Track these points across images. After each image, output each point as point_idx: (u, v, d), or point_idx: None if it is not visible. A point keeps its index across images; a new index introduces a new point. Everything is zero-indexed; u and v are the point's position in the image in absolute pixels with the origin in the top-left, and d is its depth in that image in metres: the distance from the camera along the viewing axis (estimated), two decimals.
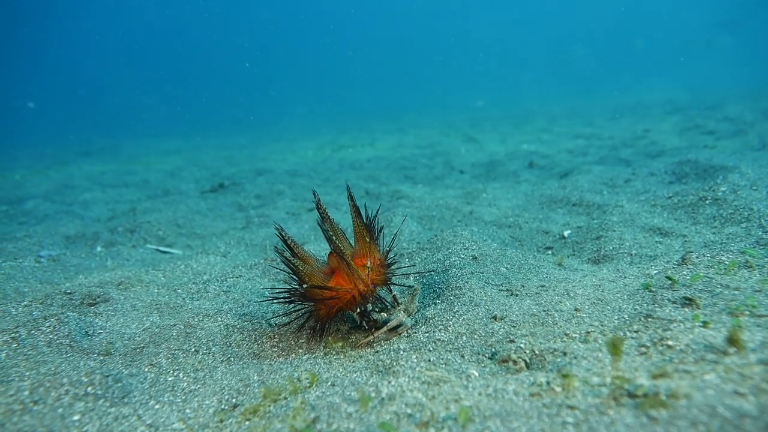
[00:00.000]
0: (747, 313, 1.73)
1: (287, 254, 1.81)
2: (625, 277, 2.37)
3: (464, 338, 1.86)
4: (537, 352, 1.68)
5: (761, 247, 2.41)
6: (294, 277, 1.85)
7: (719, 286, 1.96)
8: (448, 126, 14.15)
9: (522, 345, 1.71)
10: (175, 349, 1.80)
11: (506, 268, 2.57)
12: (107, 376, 1.47)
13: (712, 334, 1.56)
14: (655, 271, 2.34)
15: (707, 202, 3.22)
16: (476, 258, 2.61)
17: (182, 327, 1.96)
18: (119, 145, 15.03)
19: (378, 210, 2.00)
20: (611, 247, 2.81)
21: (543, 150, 8.21)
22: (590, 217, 3.59)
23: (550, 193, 4.30)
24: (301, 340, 1.97)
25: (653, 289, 2.03)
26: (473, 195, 4.87)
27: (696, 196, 3.33)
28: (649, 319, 1.76)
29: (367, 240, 1.87)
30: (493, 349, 1.78)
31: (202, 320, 2.02)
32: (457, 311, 2.03)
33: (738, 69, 21.21)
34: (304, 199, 5.52)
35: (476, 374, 1.60)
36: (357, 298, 1.82)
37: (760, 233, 2.57)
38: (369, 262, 1.86)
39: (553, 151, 7.98)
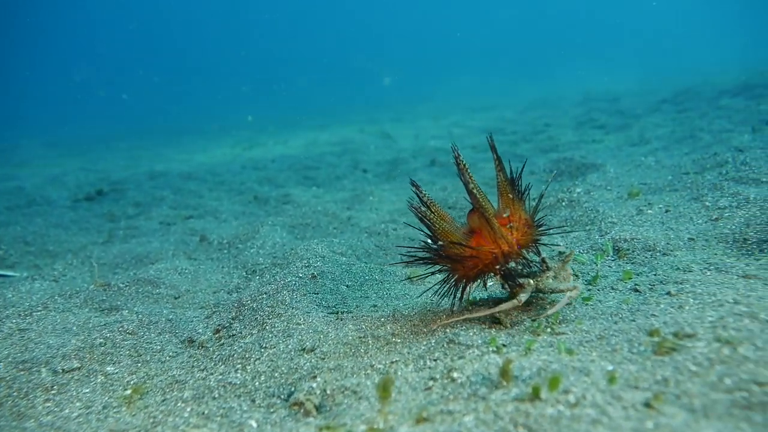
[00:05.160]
0: (548, 330, 1.70)
1: (424, 210, 1.71)
2: None
3: (263, 377, 1.70)
4: (329, 392, 1.55)
5: (592, 253, 2.43)
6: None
7: (537, 299, 1.92)
8: (371, 122, 14.00)
9: (314, 385, 1.57)
10: None
11: (347, 285, 2.44)
12: None
13: (498, 361, 1.49)
14: (490, 283, 2.30)
15: (563, 203, 3.26)
16: (315, 276, 2.46)
17: None
18: (20, 146, 13.59)
19: (524, 165, 1.85)
20: None
21: (449, 146, 8.27)
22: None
23: (432, 196, 4.25)
24: (84, 390, 1.73)
25: (471, 308, 1.97)
26: (360, 198, 4.75)
27: (555, 197, 3.37)
28: (451, 345, 1.68)
29: (511, 197, 1.74)
30: (292, 389, 1.63)
31: None
32: (266, 344, 1.87)
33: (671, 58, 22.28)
34: (186, 206, 5.16)
35: (254, 426, 1.44)
36: (500, 258, 1.69)
37: (596, 237, 2.60)
38: (507, 211, 1.74)
39: (458, 147, 8.05)
